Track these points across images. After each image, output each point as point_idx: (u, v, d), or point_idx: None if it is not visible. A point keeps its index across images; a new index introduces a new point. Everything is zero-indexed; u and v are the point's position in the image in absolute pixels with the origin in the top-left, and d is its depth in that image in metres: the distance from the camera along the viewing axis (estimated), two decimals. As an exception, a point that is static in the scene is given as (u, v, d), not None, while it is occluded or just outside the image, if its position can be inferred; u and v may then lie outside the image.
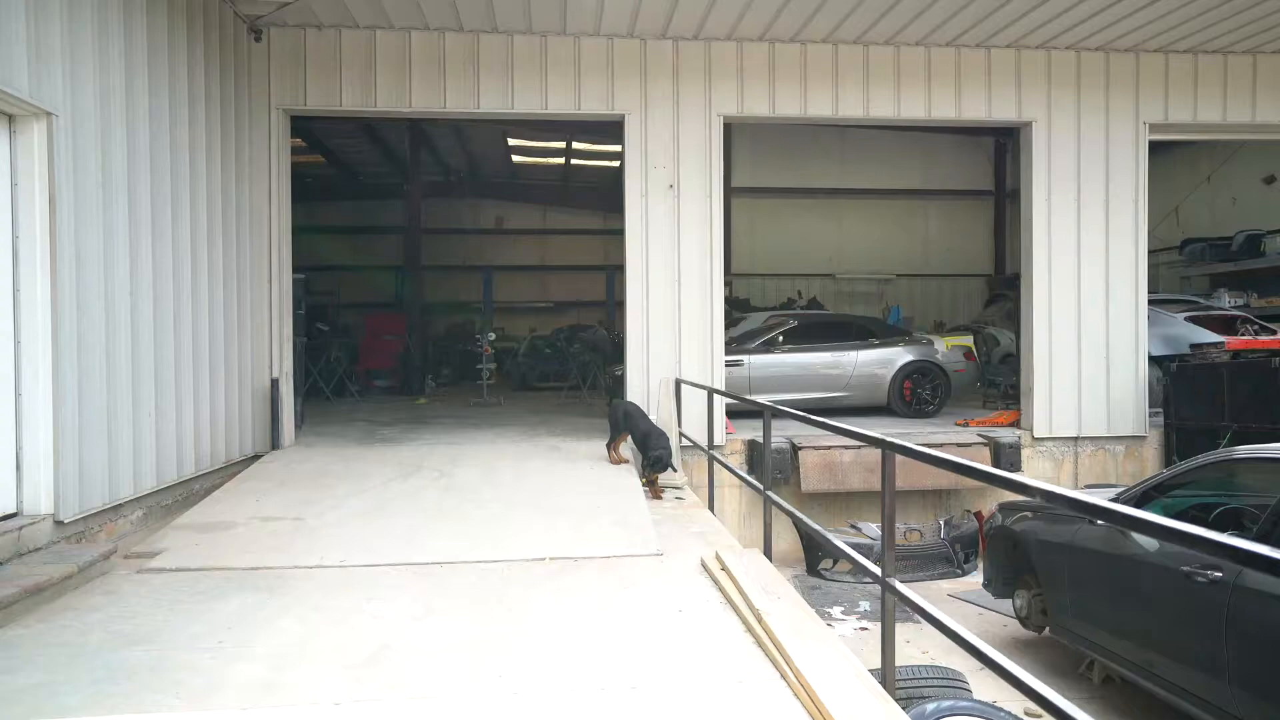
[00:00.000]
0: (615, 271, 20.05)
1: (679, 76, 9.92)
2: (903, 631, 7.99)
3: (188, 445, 7.33)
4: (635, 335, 10.03)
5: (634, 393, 9.89)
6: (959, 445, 10.11)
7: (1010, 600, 6.89)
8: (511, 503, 7.09)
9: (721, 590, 5.08)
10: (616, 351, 14.06)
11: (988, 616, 8.10)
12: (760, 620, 4.35)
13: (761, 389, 11.58)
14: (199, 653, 4.10)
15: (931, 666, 4.89)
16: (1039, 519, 6.36)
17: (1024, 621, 6.65)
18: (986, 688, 6.21)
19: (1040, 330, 10.54)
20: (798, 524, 9.80)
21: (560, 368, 17.71)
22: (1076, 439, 10.59)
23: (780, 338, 12.47)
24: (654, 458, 8.01)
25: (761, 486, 5.85)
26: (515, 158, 22.09)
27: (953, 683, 4.62)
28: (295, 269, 9.69)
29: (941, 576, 9.28)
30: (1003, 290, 20.32)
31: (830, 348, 12.42)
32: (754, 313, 15.90)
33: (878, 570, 3.75)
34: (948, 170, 21.27)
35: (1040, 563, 6.25)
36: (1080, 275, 10.56)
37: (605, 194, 22.19)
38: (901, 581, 9.65)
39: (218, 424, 7.98)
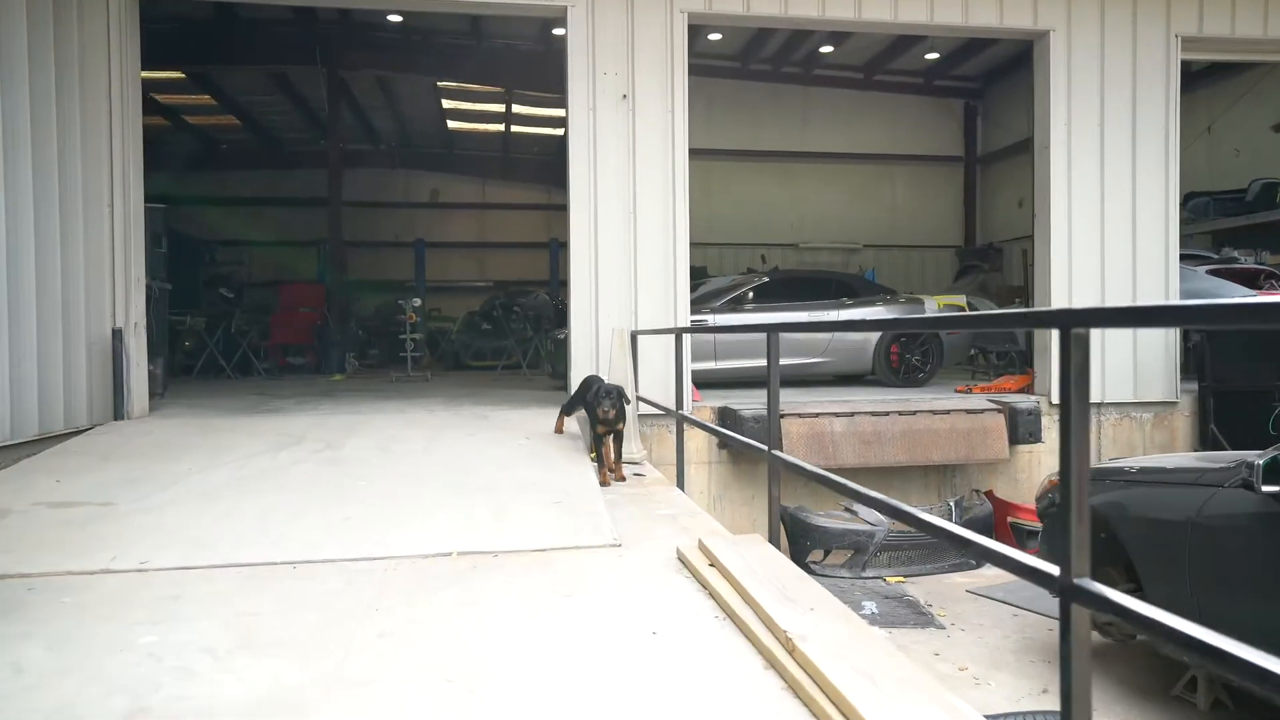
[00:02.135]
0: (560, 248, 18.25)
1: (633, -38, 8.11)
2: (925, 640, 6.34)
3: (-33, 409, 5.36)
4: (581, 280, 8.16)
5: (579, 350, 8.05)
6: (968, 412, 8.47)
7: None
8: (415, 479, 5.24)
9: (715, 597, 3.33)
10: (561, 319, 12.22)
11: (1026, 618, 6.47)
12: (793, 651, 2.60)
13: (729, 354, 9.90)
14: None
15: (1031, 714, 3.18)
16: (1133, 488, 4.70)
17: (1103, 627, 4.98)
18: None
19: (1059, 278, 8.93)
20: (785, 510, 8.19)
21: (498, 343, 15.84)
22: (1099, 405, 9.02)
23: (750, 294, 10.73)
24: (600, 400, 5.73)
25: (766, 447, 4.08)
26: (451, 123, 20.35)
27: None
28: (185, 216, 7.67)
29: (954, 569, 7.73)
30: (973, 262, 18.98)
31: (806, 307, 10.68)
32: (712, 278, 14.16)
33: (1054, 569, 1.93)
34: (915, 134, 19.84)
35: (1137, 548, 4.57)
36: (1104, 215, 8.98)
37: (548, 165, 20.47)
38: (907, 575, 7.88)
39: (25, 384, 5.97)
